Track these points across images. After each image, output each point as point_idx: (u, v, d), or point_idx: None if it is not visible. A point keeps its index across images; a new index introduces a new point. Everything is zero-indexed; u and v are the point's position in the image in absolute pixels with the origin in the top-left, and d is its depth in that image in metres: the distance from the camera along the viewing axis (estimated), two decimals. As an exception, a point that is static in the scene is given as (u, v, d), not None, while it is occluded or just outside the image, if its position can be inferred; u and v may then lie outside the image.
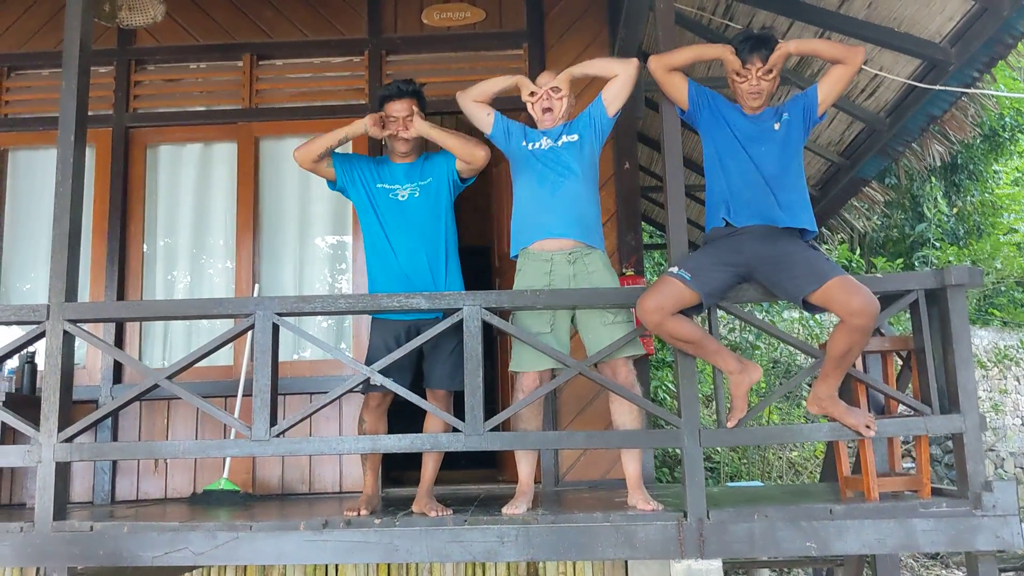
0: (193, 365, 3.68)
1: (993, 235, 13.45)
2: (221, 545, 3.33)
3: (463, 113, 3.93)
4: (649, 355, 5.24)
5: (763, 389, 10.06)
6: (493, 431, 3.48)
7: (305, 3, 5.78)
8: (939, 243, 12.93)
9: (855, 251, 12.44)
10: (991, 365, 11.71)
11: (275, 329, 3.57)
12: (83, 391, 4.98)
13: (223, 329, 3.81)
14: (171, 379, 3.60)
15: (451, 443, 3.49)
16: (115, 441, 5.19)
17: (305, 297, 3.73)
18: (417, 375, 3.81)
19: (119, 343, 5.36)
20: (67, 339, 3.60)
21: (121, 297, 5.42)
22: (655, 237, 11.42)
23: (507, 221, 5.86)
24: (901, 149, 5.97)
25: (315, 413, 3.68)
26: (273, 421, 3.50)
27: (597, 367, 3.61)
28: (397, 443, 3.53)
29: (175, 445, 3.82)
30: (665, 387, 10.29)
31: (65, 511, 3.58)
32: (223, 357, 5.16)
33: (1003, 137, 13.00)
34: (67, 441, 3.50)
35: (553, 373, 3.68)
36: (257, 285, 5.44)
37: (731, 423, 3.43)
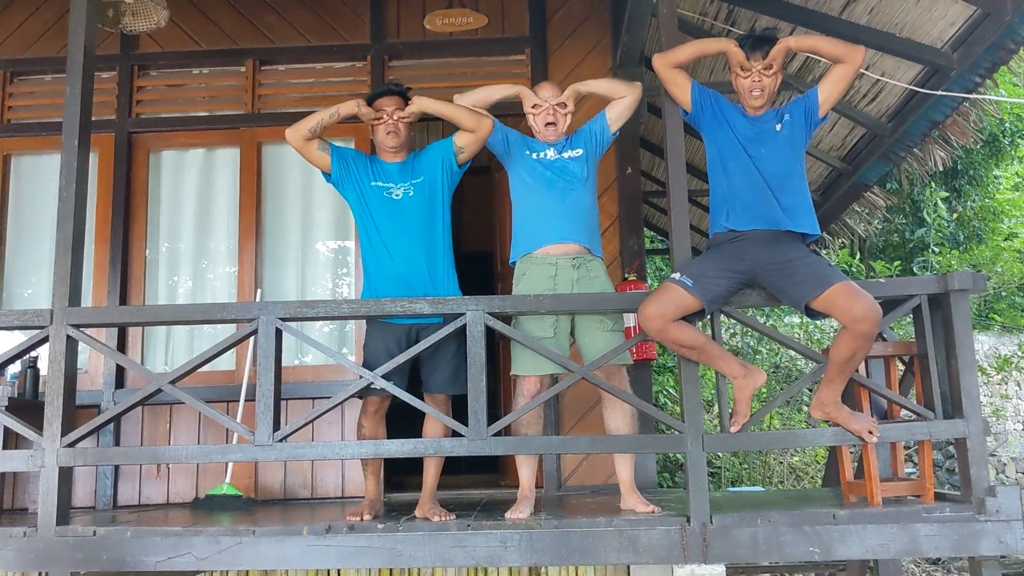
0: (196, 370, 3.69)
1: (993, 240, 13.45)
2: (224, 550, 3.33)
3: None
4: (651, 360, 5.24)
5: (764, 395, 10.06)
6: (496, 436, 3.48)
7: (308, 8, 5.80)
8: (939, 248, 12.93)
9: (855, 255, 12.43)
10: (992, 371, 11.71)
11: (278, 334, 3.57)
12: (86, 396, 4.99)
13: (226, 334, 3.81)
14: (174, 384, 3.60)
15: (454, 448, 3.49)
16: (118, 446, 5.20)
17: (308, 302, 3.73)
18: (412, 379, 3.79)
19: (122, 347, 5.37)
20: (70, 344, 3.60)
21: (124, 302, 5.43)
22: (656, 242, 11.43)
23: (509, 227, 5.89)
24: (903, 154, 5.97)
25: (318, 418, 3.68)
26: (276, 426, 3.50)
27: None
28: (400, 448, 3.53)
29: (178, 450, 3.83)
30: (666, 392, 10.29)
31: (68, 516, 3.58)
32: (225, 362, 5.16)
33: (1004, 142, 13.01)
34: (70, 446, 3.50)
35: (554, 378, 3.69)
36: (259, 290, 5.44)
37: (735, 428, 3.43)
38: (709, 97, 3.64)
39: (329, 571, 4.86)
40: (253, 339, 3.61)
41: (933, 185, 12.27)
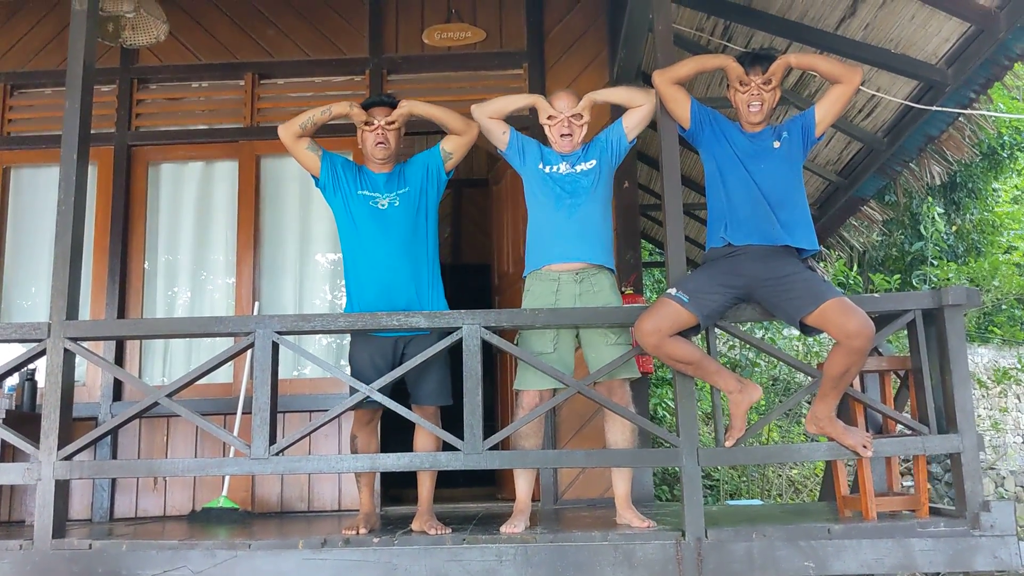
0: (193, 383, 3.69)
1: (992, 253, 13.46)
2: (220, 563, 3.33)
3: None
4: (648, 374, 5.25)
5: (763, 407, 10.05)
6: (492, 449, 3.49)
7: (307, 22, 5.83)
8: (938, 261, 12.94)
9: (853, 268, 12.45)
10: (991, 384, 11.70)
11: (275, 347, 3.58)
12: (83, 408, 4.99)
13: (223, 346, 3.82)
14: (171, 397, 3.61)
15: (450, 461, 3.49)
16: (115, 458, 5.20)
17: (305, 316, 3.74)
18: (398, 388, 3.76)
19: (119, 359, 5.38)
20: (67, 357, 3.61)
21: (122, 313, 5.44)
22: (655, 255, 11.44)
23: (506, 239, 5.93)
24: (899, 169, 6.00)
25: (314, 431, 3.69)
26: (272, 439, 3.51)
27: (594, 386, 3.62)
28: (396, 461, 3.53)
29: (174, 463, 3.83)
30: (665, 405, 10.27)
31: (64, 529, 3.58)
32: (223, 374, 5.16)
33: (1002, 155, 13.02)
34: (67, 459, 3.51)
35: (556, 392, 3.69)
36: (257, 302, 5.46)
37: (729, 442, 3.44)
38: (708, 114, 3.66)
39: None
40: (250, 352, 3.61)
41: (931, 199, 12.29)
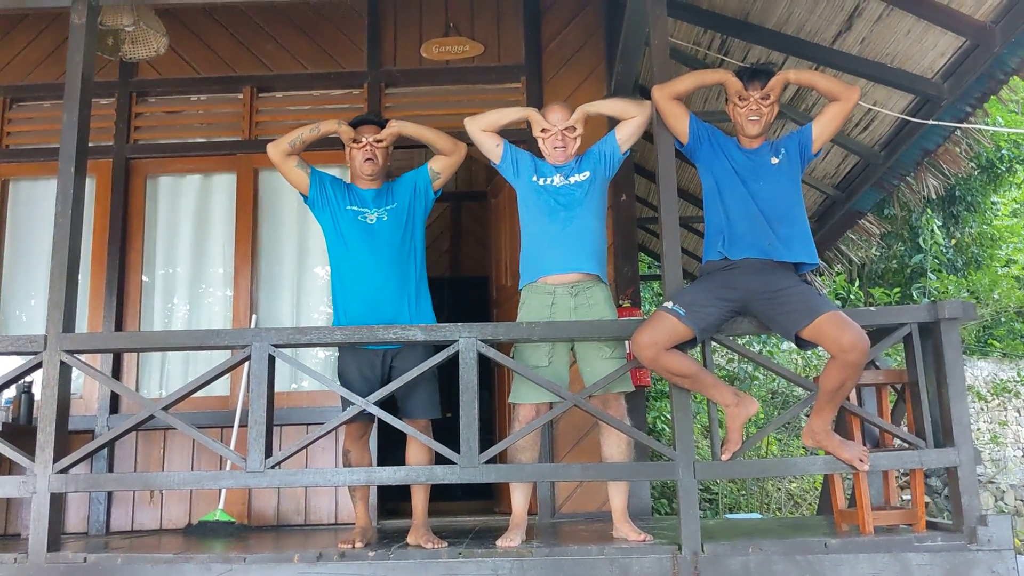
0: (190, 396, 3.69)
1: (992, 266, 13.47)
2: (215, 577, 3.32)
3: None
4: (646, 387, 5.24)
5: (762, 420, 10.04)
6: (489, 463, 3.48)
7: (305, 36, 5.85)
8: (937, 274, 12.95)
9: (853, 282, 12.44)
10: (991, 397, 11.68)
11: (271, 360, 3.58)
12: (79, 421, 4.99)
13: (221, 358, 3.81)
14: (167, 410, 3.60)
15: (447, 475, 3.49)
16: (111, 471, 5.19)
17: (301, 329, 3.74)
18: (384, 403, 3.73)
19: (116, 372, 5.37)
20: (64, 370, 3.61)
21: (119, 326, 5.43)
22: (653, 268, 11.44)
23: (504, 252, 5.93)
24: (896, 182, 6.01)
25: (310, 444, 3.68)
26: (268, 452, 3.50)
27: (590, 400, 3.62)
28: (392, 475, 3.53)
29: (170, 476, 3.82)
30: (664, 418, 10.25)
31: (60, 542, 3.56)
32: (219, 387, 5.15)
33: (1001, 169, 13.04)
34: (63, 472, 3.50)
35: (552, 406, 3.68)
36: (255, 315, 5.45)
37: (726, 456, 3.43)
38: (706, 130, 3.67)
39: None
40: (247, 365, 3.61)
41: (929, 212, 12.30)
